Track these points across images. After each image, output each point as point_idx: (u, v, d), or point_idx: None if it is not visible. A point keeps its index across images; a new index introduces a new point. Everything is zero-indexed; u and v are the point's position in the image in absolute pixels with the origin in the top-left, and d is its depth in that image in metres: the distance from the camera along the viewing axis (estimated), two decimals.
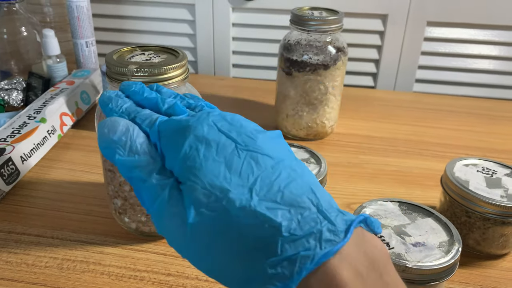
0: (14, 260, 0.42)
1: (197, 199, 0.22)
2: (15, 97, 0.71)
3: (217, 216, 0.21)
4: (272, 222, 0.20)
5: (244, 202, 0.21)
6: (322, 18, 0.60)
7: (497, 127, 0.74)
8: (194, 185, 0.22)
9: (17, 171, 0.52)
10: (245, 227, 0.21)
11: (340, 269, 0.20)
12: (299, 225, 0.20)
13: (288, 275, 0.19)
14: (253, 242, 0.20)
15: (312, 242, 0.20)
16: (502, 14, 0.82)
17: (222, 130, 0.24)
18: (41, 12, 0.86)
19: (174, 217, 0.22)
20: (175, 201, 0.22)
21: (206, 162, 0.22)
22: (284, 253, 0.20)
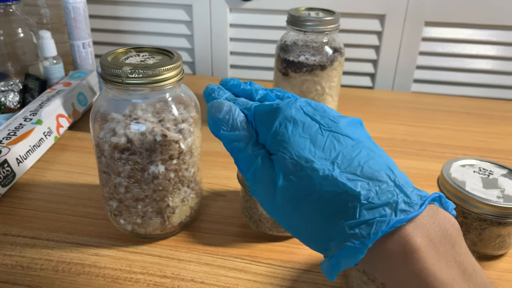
0: (9, 262, 0.42)
1: (286, 167, 0.25)
2: (11, 99, 0.70)
3: (302, 183, 0.24)
4: (351, 191, 0.23)
5: (327, 172, 0.24)
6: (319, 19, 0.59)
7: (495, 127, 0.74)
8: (283, 155, 0.25)
9: (12, 173, 0.52)
10: (326, 194, 0.23)
11: (414, 235, 0.22)
12: (376, 195, 0.23)
13: (365, 235, 0.22)
14: (334, 207, 0.23)
15: (388, 211, 0.22)
16: (499, 14, 0.81)
17: (308, 113, 0.27)
18: (37, 14, 0.85)
19: (266, 181, 0.26)
20: (266, 168, 0.26)
21: (294, 137, 0.26)
22: (362, 217, 0.22)
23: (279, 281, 0.41)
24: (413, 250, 0.21)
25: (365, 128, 0.29)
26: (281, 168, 0.25)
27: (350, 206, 0.23)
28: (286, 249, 0.45)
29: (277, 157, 0.26)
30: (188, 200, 0.45)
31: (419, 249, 0.21)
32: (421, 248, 0.21)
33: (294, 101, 0.28)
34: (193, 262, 0.43)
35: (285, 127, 0.26)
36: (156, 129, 0.39)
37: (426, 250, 0.21)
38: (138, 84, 0.37)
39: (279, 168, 0.25)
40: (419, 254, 0.21)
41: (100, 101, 0.41)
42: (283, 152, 0.25)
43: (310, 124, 0.26)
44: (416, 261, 0.21)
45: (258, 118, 0.28)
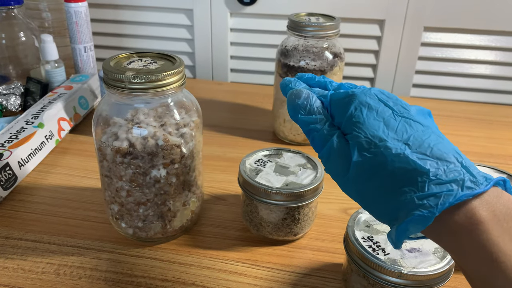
0: (11, 265, 0.42)
1: (361, 144, 0.27)
2: (13, 102, 0.71)
3: (376, 159, 0.27)
4: (421, 168, 0.25)
5: (399, 150, 0.26)
6: (319, 24, 0.60)
7: (494, 132, 0.74)
8: (358, 135, 0.28)
9: (14, 176, 0.53)
10: (398, 169, 0.26)
11: (479, 209, 0.24)
12: (444, 173, 0.25)
13: (433, 205, 0.24)
14: (404, 181, 0.25)
15: (455, 186, 0.24)
16: (498, 19, 0.82)
17: (382, 100, 0.29)
18: (39, 18, 0.86)
19: (341, 156, 0.28)
20: (342, 145, 0.29)
21: (368, 120, 0.28)
22: (430, 191, 0.24)
23: (279, 285, 0.41)
24: (479, 222, 0.23)
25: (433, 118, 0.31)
26: (356, 145, 0.28)
27: (419, 181, 0.25)
28: (287, 253, 0.45)
29: (352, 136, 0.28)
30: (189, 204, 0.45)
31: (484, 221, 0.23)
32: (486, 220, 0.23)
33: (368, 89, 0.30)
34: (194, 266, 0.43)
35: (360, 110, 0.29)
36: (158, 133, 0.40)
37: (491, 223, 0.23)
38: (141, 89, 0.38)
39: (354, 145, 0.28)
40: (484, 226, 0.23)
41: (102, 105, 0.42)
42: (358, 132, 0.28)
43: (384, 109, 0.28)
44: (481, 232, 0.23)
45: (334, 104, 0.31)
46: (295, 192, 0.43)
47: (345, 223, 0.49)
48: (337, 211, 0.52)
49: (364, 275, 0.36)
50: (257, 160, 0.48)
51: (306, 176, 0.45)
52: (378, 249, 0.36)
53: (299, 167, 0.47)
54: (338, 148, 0.29)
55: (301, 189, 0.43)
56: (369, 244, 0.36)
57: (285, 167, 0.47)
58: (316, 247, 0.46)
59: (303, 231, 0.46)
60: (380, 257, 0.35)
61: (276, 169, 0.46)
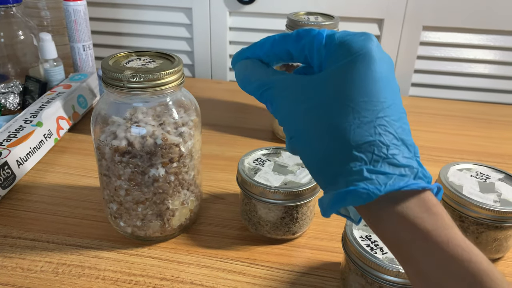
0: (10, 264, 0.42)
1: (339, 92, 0.26)
2: (11, 101, 0.71)
3: (346, 108, 0.25)
4: (383, 141, 0.24)
5: (371, 117, 0.24)
6: (318, 23, 0.60)
7: (492, 131, 0.74)
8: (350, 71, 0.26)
9: (13, 175, 0.52)
10: (359, 136, 0.24)
11: (431, 196, 0.24)
12: (402, 157, 0.24)
13: (381, 184, 0.23)
14: (360, 148, 0.24)
15: (408, 173, 0.24)
16: (497, 19, 0.82)
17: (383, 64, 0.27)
18: (38, 16, 0.86)
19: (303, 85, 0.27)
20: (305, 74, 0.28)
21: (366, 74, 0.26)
22: (383, 168, 0.23)
23: (277, 283, 0.41)
24: (433, 205, 0.23)
25: None
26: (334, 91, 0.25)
27: (375, 154, 0.24)
28: (285, 252, 0.45)
29: (343, 65, 0.26)
30: (187, 203, 0.45)
31: (436, 204, 0.24)
32: (437, 204, 0.24)
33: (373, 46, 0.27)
34: (193, 265, 0.43)
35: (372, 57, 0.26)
36: (157, 132, 0.40)
37: (439, 207, 0.24)
38: (139, 88, 0.38)
39: (339, 73, 0.26)
40: (438, 210, 0.23)
41: (101, 104, 0.42)
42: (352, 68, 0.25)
43: (382, 75, 0.26)
44: (435, 217, 0.23)
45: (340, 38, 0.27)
46: (293, 191, 0.43)
47: (344, 222, 0.49)
48: None
49: (362, 274, 0.36)
50: (255, 159, 0.48)
51: (304, 175, 0.45)
52: (376, 248, 0.36)
53: (297, 166, 0.47)
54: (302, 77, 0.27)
55: (299, 188, 0.43)
56: (367, 243, 0.37)
57: (283, 166, 0.47)
58: (315, 246, 0.46)
59: (301, 230, 0.46)
60: (378, 256, 0.35)
61: (274, 168, 0.46)
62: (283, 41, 0.29)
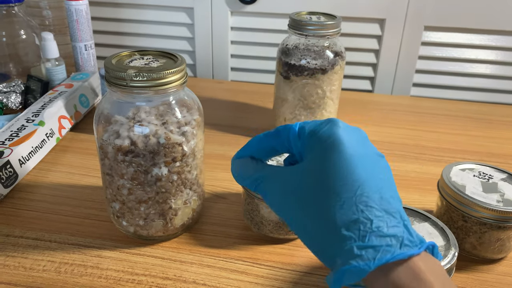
0: (12, 263, 0.42)
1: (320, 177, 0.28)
2: (13, 100, 0.71)
3: (327, 192, 0.27)
4: (366, 217, 0.25)
5: (350, 194, 0.26)
6: (320, 23, 0.60)
7: (494, 131, 0.74)
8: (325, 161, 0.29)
9: (15, 174, 0.53)
10: (344, 216, 0.26)
11: (418, 264, 0.25)
12: (386, 227, 0.25)
13: (371, 258, 0.24)
14: (346, 226, 0.26)
15: (394, 242, 0.25)
16: (498, 19, 0.82)
17: (352, 138, 0.30)
18: (40, 15, 0.86)
19: (292, 176, 0.30)
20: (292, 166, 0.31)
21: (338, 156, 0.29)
22: (370, 242, 0.25)
23: (280, 283, 0.41)
24: (418, 278, 0.24)
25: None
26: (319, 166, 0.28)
27: (361, 230, 0.25)
28: (287, 252, 0.45)
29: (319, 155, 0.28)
30: (190, 202, 0.45)
31: (423, 272, 0.24)
32: (425, 272, 0.24)
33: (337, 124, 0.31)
34: (195, 264, 0.43)
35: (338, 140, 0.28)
36: (160, 131, 0.40)
37: (428, 275, 0.24)
38: (142, 87, 0.38)
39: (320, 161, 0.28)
40: (424, 278, 0.24)
41: (104, 103, 0.42)
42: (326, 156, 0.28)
43: (354, 150, 0.28)
44: (423, 283, 0.24)
45: (310, 129, 0.31)
46: None
47: None
48: None
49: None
50: None
51: None
52: None
53: None
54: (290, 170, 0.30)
55: None
56: None
57: None
58: None
59: None
60: None
61: None
62: (266, 139, 0.34)
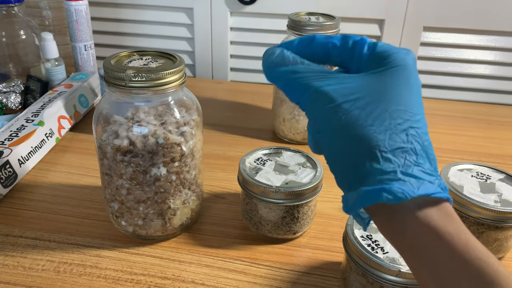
0: (11, 263, 0.42)
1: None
2: (13, 100, 0.71)
3: (385, 112, 0.26)
4: (413, 147, 0.25)
5: (406, 124, 0.26)
6: (319, 24, 0.60)
7: (493, 132, 0.74)
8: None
9: (14, 174, 0.53)
10: (393, 140, 0.25)
11: (449, 206, 0.25)
12: (430, 165, 0.26)
13: (414, 186, 0.24)
14: (391, 149, 0.25)
15: (436, 181, 0.25)
16: (497, 19, 0.82)
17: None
18: (39, 16, 0.86)
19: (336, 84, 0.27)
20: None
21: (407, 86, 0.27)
22: (414, 172, 0.25)
23: (278, 283, 0.41)
24: (451, 213, 0.25)
25: None
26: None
27: (407, 159, 0.25)
28: (286, 252, 0.45)
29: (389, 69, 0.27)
30: (189, 202, 0.45)
31: (453, 213, 0.25)
32: (453, 213, 0.25)
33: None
34: (194, 264, 0.43)
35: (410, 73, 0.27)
36: (158, 131, 0.40)
37: (455, 216, 0.25)
38: (141, 88, 0.38)
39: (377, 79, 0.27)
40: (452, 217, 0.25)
41: (103, 103, 0.42)
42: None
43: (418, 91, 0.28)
44: (450, 221, 0.24)
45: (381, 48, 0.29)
46: (294, 190, 0.43)
47: (344, 222, 0.49)
48: (337, 209, 0.52)
49: (363, 273, 0.36)
50: (256, 159, 0.48)
51: (305, 175, 0.45)
52: (377, 247, 0.36)
53: (298, 166, 0.47)
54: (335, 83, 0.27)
55: (300, 187, 0.43)
56: (368, 242, 0.37)
57: (284, 166, 0.47)
58: (316, 246, 0.46)
59: (302, 229, 0.46)
60: (379, 256, 0.35)
61: (275, 167, 0.47)
62: (325, 41, 0.30)
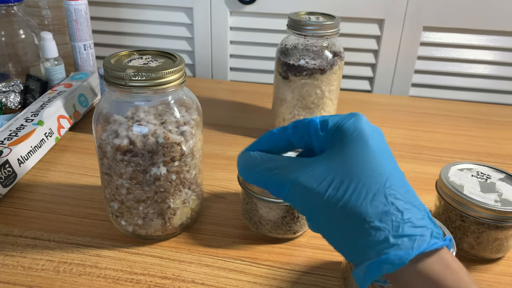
0: (11, 263, 0.42)
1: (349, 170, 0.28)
2: (12, 99, 0.71)
3: (354, 189, 0.27)
4: (397, 209, 0.26)
5: (379, 186, 0.27)
6: (319, 23, 0.60)
7: (492, 131, 0.74)
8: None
9: (14, 173, 0.53)
10: (376, 208, 0.26)
11: (447, 252, 0.26)
12: (416, 218, 0.26)
13: (409, 247, 0.25)
14: (379, 217, 0.26)
15: (426, 232, 0.26)
16: (497, 19, 0.82)
17: (375, 137, 0.30)
18: (39, 15, 0.86)
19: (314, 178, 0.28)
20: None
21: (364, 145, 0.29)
22: (404, 232, 0.26)
23: (279, 282, 0.41)
24: (450, 263, 0.26)
25: None
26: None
27: (394, 220, 0.26)
28: (286, 251, 0.45)
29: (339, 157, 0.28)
30: (189, 201, 0.45)
31: (454, 261, 0.26)
32: (454, 261, 0.26)
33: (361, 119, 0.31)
34: (194, 264, 0.43)
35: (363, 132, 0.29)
36: (158, 131, 0.40)
37: (457, 264, 0.26)
38: (141, 87, 0.38)
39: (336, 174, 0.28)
40: (455, 267, 0.26)
41: (102, 103, 0.42)
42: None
43: (377, 144, 0.29)
44: (453, 273, 0.25)
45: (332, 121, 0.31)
46: None
47: None
48: None
49: None
50: None
51: None
52: None
53: None
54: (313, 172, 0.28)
55: None
56: None
57: None
58: (316, 245, 0.46)
59: (302, 229, 0.46)
60: None
61: None
62: (282, 133, 0.33)
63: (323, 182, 0.28)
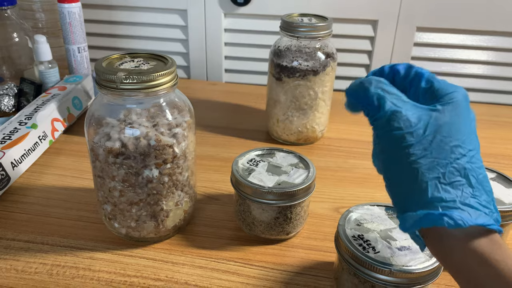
0: (4, 266, 0.42)
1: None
2: (6, 103, 0.71)
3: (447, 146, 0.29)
4: (469, 182, 0.28)
5: (474, 157, 0.29)
6: (312, 25, 0.60)
7: (484, 131, 0.75)
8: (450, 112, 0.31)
9: (7, 177, 0.53)
10: (452, 174, 0.28)
11: (499, 237, 0.28)
12: (486, 198, 0.28)
13: (472, 216, 0.27)
14: (452, 182, 0.28)
15: (490, 214, 0.28)
16: (490, 19, 0.83)
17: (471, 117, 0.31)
18: (33, 18, 0.86)
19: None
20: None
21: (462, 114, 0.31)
22: (471, 204, 0.28)
23: (271, 283, 0.41)
24: (501, 243, 0.27)
25: None
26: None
27: (464, 191, 0.28)
28: (279, 252, 0.45)
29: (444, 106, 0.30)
30: (182, 203, 0.45)
31: (503, 244, 0.27)
32: (504, 244, 0.28)
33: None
34: (187, 265, 0.43)
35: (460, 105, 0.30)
36: (150, 133, 0.40)
37: (505, 246, 0.28)
38: (133, 90, 0.38)
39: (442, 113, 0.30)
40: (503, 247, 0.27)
41: (95, 106, 0.42)
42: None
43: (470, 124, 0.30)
44: (501, 251, 0.27)
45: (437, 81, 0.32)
46: (287, 191, 0.43)
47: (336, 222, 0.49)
48: (329, 210, 0.52)
49: (355, 273, 0.36)
50: (249, 160, 0.48)
51: (298, 175, 0.46)
52: (368, 247, 0.36)
53: (291, 167, 0.47)
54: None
55: (293, 188, 0.43)
56: (360, 242, 0.37)
57: (277, 167, 0.47)
58: (308, 246, 0.46)
59: (295, 230, 0.47)
60: (371, 255, 0.35)
61: (268, 168, 0.47)
62: (390, 71, 0.35)
63: (419, 127, 0.29)
